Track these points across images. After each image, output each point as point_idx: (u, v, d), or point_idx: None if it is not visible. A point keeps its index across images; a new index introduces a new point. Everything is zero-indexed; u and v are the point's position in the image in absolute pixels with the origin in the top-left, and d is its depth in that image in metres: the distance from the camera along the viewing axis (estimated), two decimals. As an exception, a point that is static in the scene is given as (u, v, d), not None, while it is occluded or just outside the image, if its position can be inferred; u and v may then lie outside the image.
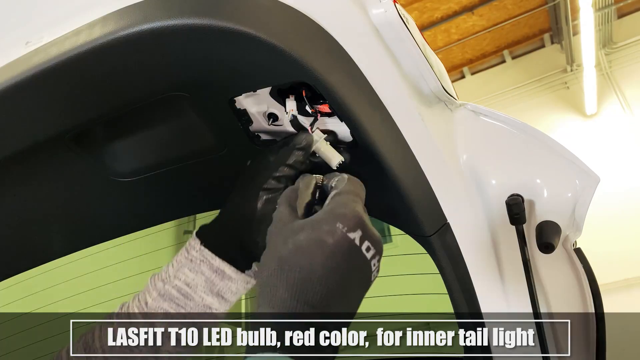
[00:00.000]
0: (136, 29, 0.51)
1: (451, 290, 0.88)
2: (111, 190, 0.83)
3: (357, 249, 0.49)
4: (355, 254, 0.49)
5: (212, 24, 0.51)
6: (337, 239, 0.48)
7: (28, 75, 0.55)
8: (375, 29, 0.65)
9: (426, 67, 0.70)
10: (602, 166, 5.12)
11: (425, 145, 0.75)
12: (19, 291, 2.28)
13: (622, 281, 4.90)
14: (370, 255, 0.50)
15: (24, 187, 0.81)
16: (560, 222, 0.82)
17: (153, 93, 0.63)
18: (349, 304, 0.49)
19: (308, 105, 0.65)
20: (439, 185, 0.79)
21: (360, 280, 0.50)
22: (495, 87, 6.58)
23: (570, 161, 0.81)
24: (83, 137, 0.74)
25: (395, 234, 4.25)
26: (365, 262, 0.49)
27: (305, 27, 0.58)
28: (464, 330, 0.92)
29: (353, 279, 0.49)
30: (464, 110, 0.83)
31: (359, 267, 0.49)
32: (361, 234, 0.49)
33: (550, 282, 0.87)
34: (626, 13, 6.13)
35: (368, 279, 0.50)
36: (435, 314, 2.81)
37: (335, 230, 0.48)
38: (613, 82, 5.97)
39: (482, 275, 0.88)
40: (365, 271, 0.50)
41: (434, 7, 5.58)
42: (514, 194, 0.84)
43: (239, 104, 0.68)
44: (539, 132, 0.81)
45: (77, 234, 0.97)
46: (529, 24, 6.21)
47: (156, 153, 0.80)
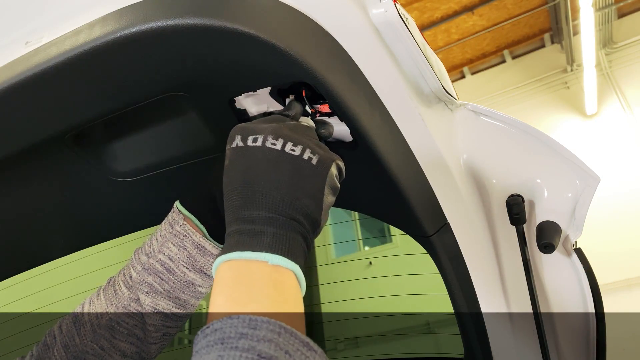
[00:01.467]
0: (136, 29, 0.51)
1: (451, 290, 0.88)
2: (111, 190, 0.83)
3: (243, 148, 0.54)
4: (244, 152, 0.53)
5: (212, 24, 0.51)
6: (228, 157, 0.55)
7: (28, 75, 0.55)
8: (375, 28, 0.65)
9: (426, 67, 0.70)
10: (602, 166, 5.13)
11: (425, 145, 0.75)
12: (19, 291, 2.28)
13: (623, 281, 4.90)
14: (261, 141, 0.53)
15: (24, 187, 0.81)
16: (561, 222, 0.82)
17: (153, 93, 0.63)
18: (272, 185, 0.51)
19: (308, 105, 0.65)
20: (439, 185, 0.79)
21: (267, 162, 0.52)
22: (495, 87, 6.58)
23: (571, 161, 0.81)
24: (83, 137, 0.74)
25: (395, 234, 4.25)
26: (256, 150, 0.53)
27: (306, 27, 0.58)
28: (464, 330, 0.92)
29: (254, 167, 0.52)
30: (464, 110, 0.83)
31: (252, 156, 0.53)
32: (241, 137, 0.54)
33: (550, 282, 0.87)
34: (626, 13, 6.13)
35: (275, 155, 0.52)
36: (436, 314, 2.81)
37: (226, 153, 0.56)
38: (613, 82, 5.97)
39: (482, 275, 0.88)
40: (262, 154, 0.52)
41: (434, 7, 5.58)
42: (514, 194, 0.84)
43: (239, 104, 0.68)
44: (539, 132, 0.81)
45: (77, 234, 0.97)
46: (529, 24, 6.21)
47: (156, 153, 0.80)
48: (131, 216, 0.94)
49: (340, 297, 2.68)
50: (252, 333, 0.39)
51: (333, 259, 4.14)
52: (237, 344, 0.38)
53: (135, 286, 0.68)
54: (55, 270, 1.95)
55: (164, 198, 0.87)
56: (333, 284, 2.84)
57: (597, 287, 0.85)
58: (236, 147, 0.54)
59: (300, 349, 0.39)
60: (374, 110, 0.68)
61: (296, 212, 0.51)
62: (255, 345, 0.38)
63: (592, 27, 5.24)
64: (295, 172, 0.52)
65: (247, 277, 0.45)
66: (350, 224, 4.44)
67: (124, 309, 0.69)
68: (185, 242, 0.68)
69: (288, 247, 0.48)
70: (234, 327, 0.39)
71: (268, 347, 0.38)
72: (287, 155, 0.53)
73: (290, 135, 0.54)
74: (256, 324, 0.39)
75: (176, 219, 0.69)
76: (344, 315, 2.88)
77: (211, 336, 0.39)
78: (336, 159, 0.56)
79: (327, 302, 2.74)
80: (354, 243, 4.46)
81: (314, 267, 2.75)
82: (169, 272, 0.68)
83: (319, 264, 2.80)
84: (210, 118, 0.71)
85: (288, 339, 0.39)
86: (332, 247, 4.22)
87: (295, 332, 0.40)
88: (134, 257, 0.71)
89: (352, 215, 3.55)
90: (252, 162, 0.53)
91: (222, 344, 0.38)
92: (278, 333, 0.39)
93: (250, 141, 0.54)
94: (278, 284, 0.45)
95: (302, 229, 0.51)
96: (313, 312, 2.71)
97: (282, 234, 0.49)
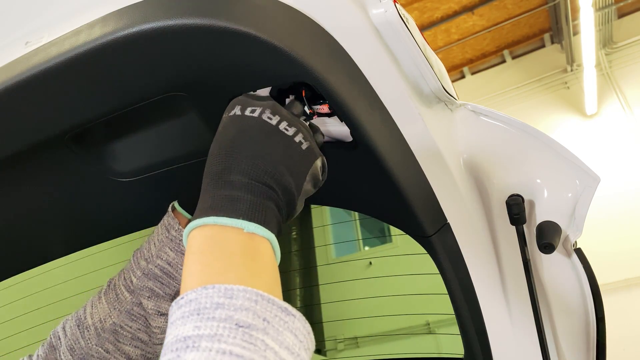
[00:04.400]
0: (136, 29, 0.51)
1: (451, 290, 0.88)
2: (111, 190, 0.83)
3: (240, 117, 0.55)
4: (239, 120, 0.54)
5: (212, 24, 0.51)
6: (222, 123, 0.56)
7: (28, 75, 0.55)
8: (375, 29, 0.65)
9: (426, 67, 0.70)
10: (602, 166, 5.13)
11: (425, 145, 0.75)
12: (19, 291, 2.28)
13: (622, 281, 4.90)
14: (258, 113, 0.54)
15: (23, 187, 0.80)
16: (561, 222, 0.82)
17: (153, 93, 0.63)
18: (256, 153, 0.51)
19: (307, 105, 0.65)
20: (439, 185, 0.79)
21: (257, 132, 0.53)
22: (495, 87, 6.57)
23: (571, 161, 0.81)
24: (83, 137, 0.74)
25: (395, 234, 4.25)
26: (250, 119, 0.54)
27: (306, 27, 0.58)
28: (464, 330, 0.92)
29: (243, 134, 0.53)
30: (464, 110, 0.83)
31: (246, 125, 0.54)
32: (240, 107, 0.56)
33: (550, 282, 0.87)
34: (626, 13, 6.13)
35: (266, 127, 0.53)
36: (436, 314, 2.81)
37: (221, 120, 0.57)
38: (613, 82, 5.96)
39: (482, 275, 0.88)
40: (255, 123, 0.53)
41: (434, 7, 5.58)
42: (514, 194, 0.84)
43: (239, 104, 0.68)
44: (539, 132, 0.81)
45: (76, 234, 0.97)
46: (529, 24, 6.21)
47: (156, 153, 0.80)
48: (131, 216, 0.94)
49: (340, 297, 2.67)
50: (229, 302, 0.38)
51: (333, 259, 4.14)
52: (214, 314, 0.37)
53: (137, 291, 0.68)
54: (55, 270, 1.95)
55: (164, 198, 0.87)
56: (333, 284, 2.83)
57: (597, 287, 0.84)
58: (233, 115, 0.55)
59: (278, 315, 0.39)
60: (374, 110, 0.68)
61: (277, 184, 0.50)
62: (233, 314, 0.37)
63: (592, 27, 5.24)
64: (285, 149, 0.52)
65: (222, 244, 0.44)
66: (350, 224, 4.44)
67: (127, 313, 0.69)
68: (182, 247, 0.68)
69: (265, 216, 0.47)
70: (209, 297, 0.38)
71: (245, 315, 0.37)
72: (280, 132, 0.53)
73: (287, 116, 0.54)
74: (232, 293, 0.39)
75: (172, 223, 0.69)
76: (344, 315, 2.87)
77: (186, 307, 0.39)
78: (322, 157, 0.57)
79: (327, 302, 2.74)
80: (354, 243, 4.46)
81: (314, 267, 2.75)
82: (168, 276, 0.68)
83: (319, 264, 2.79)
84: (210, 118, 0.71)
85: (265, 306, 0.39)
86: (332, 247, 4.22)
87: (272, 298, 0.40)
88: (133, 261, 0.71)
89: (352, 215, 3.55)
90: (245, 129, 0.53)
91: (198, 315, 0.37)
92: (255, 301, 0.39)
93: (248, 111, 0.54)
94: (254, 253, 0.45)
95: (280, 202, 0.50)
96: (313, 312, 2.71)
97: (260, 202, 0.48)
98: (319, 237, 3.07)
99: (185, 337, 0.36)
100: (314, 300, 2.69)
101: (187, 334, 0.36)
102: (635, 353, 4.28)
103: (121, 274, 0.72)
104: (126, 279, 0.70)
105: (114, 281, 0.72)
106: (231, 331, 0.36)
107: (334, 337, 3.07)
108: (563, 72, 6.30)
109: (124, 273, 0.72)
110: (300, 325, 0.40)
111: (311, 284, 2.68)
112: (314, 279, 2.72)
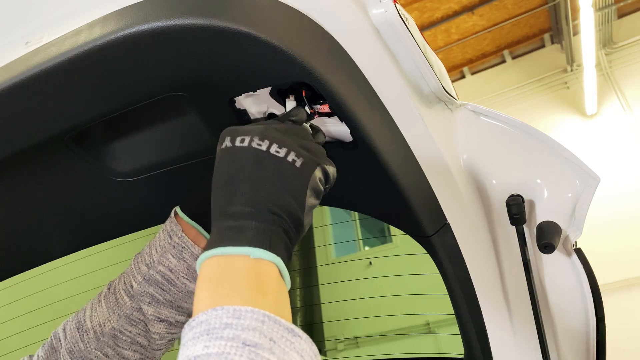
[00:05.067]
0: (136, 29, 0.51)
1: (451, 290, 0.88)
2: (111, 190, 0.83)
3: (231, 148, 0.55)
4: (231, 153, 0.55)
5: (212, 24, 0.51)
6: (217, 157, 0.56)
7: (28, 75, 0.55)
8: (375, 29, 0.65)
9: (426, 67, 0.70)
10: (602, 166, 5.13)
11: (425, 145, 0.75)
12: (19, 291, 2.28)
13: (622, 281, 4.90)
14: (247, 142, 0.54)
15: (24, 187, 0.80)
16: (561, 222, 0.82)
17: (153, 93, 0.63)
18: (255, 182, 0.52)
19: (308, 105, 0.65)
20: (439, 185, 0.79)
21: (252, 162, 0.53)
22: (495, 87, 6.57)
23: (571, 161, 0.81)
24: (83, 137, 0.74)
25: (395, 234, 4.24)
26: (243, 150, 0.54)
27: (306, 27, 0.58)
28: (464, 330, 0.92)
29: (239, 165, 0.53)
30: (464, 110, 0.83)
31: (239, 155, 0.54)
32: (230, 138, 0.56)
33: (550, 283, 0.87)
34: (626, 13, 6.13)
35: (260, 155, 0.54)
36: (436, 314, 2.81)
37: (217, 154, 0.57)
38: (613, 82, 5.96)
39: (482, 275, 0.88)
40: (249, 153, 0.54)
41: (434, 7, 5.58)
42: (514, 194, 0.84)
43: (239, 104, 0.68)
44: (539, 132, 0.81)
45: (77, 234, 0.97)
46: (529, 24, 6.21)
47: (156, 153, 0.80)
48: (131, 216, 0.94)
49: (340, 297, 2.67)
50: (237, 323, 0.39)
51: (333, 259, 4.14)
52: (222, 333, 0.39)
53: (137, 296, 0.68)
54: (55, 270, 1.95)
55: (164, 198, 0.87)
56: (333, 284, 2.83)
57: (597, 287, 0.84)
58: (225, 147, 0.56)
59: (284, 336, 0.40)
60: (374, 110, 0.68)
61: (278, 208, 0.51)
62: (240, 334, 0.38)
63: (592, 27, 5.24)
64: (278, 172, 0.53)
65: (229, 271, 0.46)
66: (350, 224, 4.43)
67: (126, 318, 0.69)
68: (184, 254, 0.68)
69: (270, 240, 0.49)
70: (218, 318, 0.40)
71: (252, 335, 0.39)
72: (271, 156, 0.54)
73: (277, 137, 0.55)
74: (240, 314, 0.40)
75: (174, 229, 0.69)
76: (344, 315, 2.88)
77: (197, 328, 0.40)
78: (322, 163, 0.57)
79: (327, 302, 2.74)
80: (354, 243, 4.46)
81: (314, 267, 2.75)
82: (169, 283, 0.68)
83: (319, 264, 2.79)
84: (210, 118, 0.71)
85: (272, 326, 0.40)
86: (332, 247, 4.21)
87: (279, 319, 0.41)
88: (133, 266, 0.71)
89: (352, 215, 3.55)
90: (237, 160, 0.54)
91: (208, 335, 0.39)
92: (262, 321, 0.40)
93: (237, 142, 0.55)
94: (259, 276, 0.46)
95: (285, 224, 0.51)
96: (313, 312, 2.71)
97: (264, 227, 0.49)
98: (319, 237, 3.07)
99: (194, 356, 0.38)
100: (314, 300, 2.69)
101: (196, 354, 0.38)
102: (635, 353, 4.28)
103: (121, 278, 0.72)
104: (126, 283, 0.70)
105: (114, 285, 0.72)
106: (238, 349, 0.37)
107: (334, 337, 3.07)
108: (563, 72, 6.30)
109: (124, 277, 0.72)
110: (307, 347, 0.41)
111: (311, 284, 2.68)
112: (314, 279, 2.72)
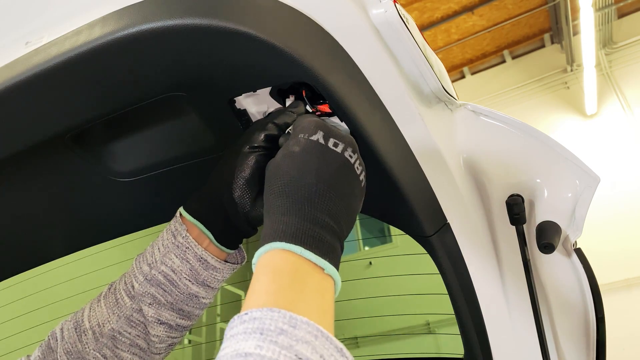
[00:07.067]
0: (136, 29, 0.51)
1: (451, 290, 0.88)
2: (111, 190, 0.83)
3: (324, 147, 0.54)
4: (324, 152, 0.54)
5: (212, 24, 0.51)
6: (302, 145, 0.54)
7: (28, 75, 0.55)
8: (375, 29, 0.65)
9: (426, 67, 0.70)
10: (602, 166, 5.13)
11: (425, 145, 0.75)
12: (19, 291, 2.28)
13: (622, 281, 4.90)
14: (341, 149, 0.55)
15: (24, 187, 0.81)
16: (561, 222, 0.82)
17: (153, 93, 0.63)
18: (344, 199, 0.53)
19: (308, 105, 0.65)
20: (439, 185, 0.79)
21: (344, 175, 0.54)
22: (495, 87, 6.58)
23: (571, 161, 0.81)
24: (83, 137, 0.74)
25: (395, 234, 4.24)
26: (337, 156, 0.54)
27: (306, 27, 0.58)
28: (464, 330, 0.92)
29: (336, 174, 0.53)
30: (464, 110, 0.83)
31: (333, 161, 0.54)
32: (323, 134, 0.55)
33: (550, 282, 0.87)
34: (626, 13, 6.13)
35: (351, 170, 0.55)
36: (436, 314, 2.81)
37: (298, 140, 0.55)
38: (613, 82, 5.96)
39: (482, 275, 0.88)
40: (343, 164, 0.54)
41: (434, 7, 5.58)
42: (514, 194, 0.84)
43: (239, 104, 0.68)
44: (539, 132, 0.81)
45: (77, 234, 0.97)
46: (529, 24, 6.21)
47: (156, 153, 0.80)
48: (131, 216, 0.94)
49: (340, 297, 2.66)
50: (292, 331, 0.39)
51: (333, 259, 4.12)
52: (277, 338, 0.38)
53: (138, 297, 0.67)
54: (55, 270, 1.95)
55: (164, 198, 0.87)
56: (333, 284, 2.83)
57: (597, 287, 0.84)
58: (316, 141, 0.55)
59: (334, 355, 0.40)
60: (374, 110, 0.68)
61: (347, 228, 0.53)
62: (294, 344, 0.38)
63: (592, 27, 5.24)
64: (359, 192, 0.56)
65: (302, 276, 0.46)
66: (350, 224, 4.42)
67: (126, 319, 0.68)
68: (188, 255, 0.66)
69: (337, 258, 0.50)
70: (274, 320, 0.40)
71: (305, 348, 0.38)
72: (355, 173, 0.56)
73: (358, 152, 0.57)
74: (296, 323, 0.40)
75: (179, 229, 0.67)
76: (344, 315, 2.88)
77: (249, 323, 0.40)
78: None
79: (327, 302, 2.73)
80: (354, 243, 4.46)
81: (314, 267, 2.74)
82: (171, 284, 0.67)
83: (319, 264, 2.78)
84: (210, 118, 0.71)
85: (324, 343, 0.40)
86: (332, 247, 4.19)
87: (331, 337, 0.41)
88: (135, 266, 0.70)
89: (352, 215, 3.55)
90: (331, 164, 0.54)
91: (262, 334, 0.38)
92: (315, 336, 0.40)
93: (331, 144, 0.55)
94: (325, 293, 0.47)
95: (342, 241, 0.53)
96: (313, 312, 2.72)
97: (335, 245, 0.51)
98: (319, 237, 3.06)
99: (246, 353, 0.37)
100: (314, 300, 2.69)
101: (248, 351, 0.37)
102: (635, 353, 4.28)
103: (122, 278, 0.71)
104: (127, 283, 0.69)
105: (115, 285, 0.71)
106: None
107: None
108: (563, 72, 6.30)
109: (125, 277, 0.71)
110: None
111: (311, 284, 2.68)
112: (314, 279, 2.72)
